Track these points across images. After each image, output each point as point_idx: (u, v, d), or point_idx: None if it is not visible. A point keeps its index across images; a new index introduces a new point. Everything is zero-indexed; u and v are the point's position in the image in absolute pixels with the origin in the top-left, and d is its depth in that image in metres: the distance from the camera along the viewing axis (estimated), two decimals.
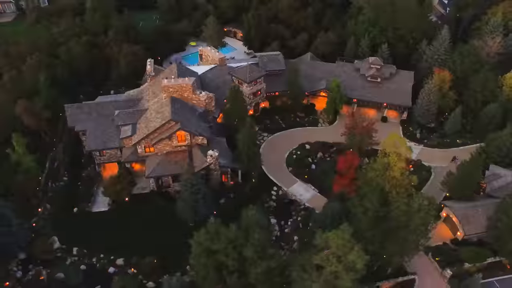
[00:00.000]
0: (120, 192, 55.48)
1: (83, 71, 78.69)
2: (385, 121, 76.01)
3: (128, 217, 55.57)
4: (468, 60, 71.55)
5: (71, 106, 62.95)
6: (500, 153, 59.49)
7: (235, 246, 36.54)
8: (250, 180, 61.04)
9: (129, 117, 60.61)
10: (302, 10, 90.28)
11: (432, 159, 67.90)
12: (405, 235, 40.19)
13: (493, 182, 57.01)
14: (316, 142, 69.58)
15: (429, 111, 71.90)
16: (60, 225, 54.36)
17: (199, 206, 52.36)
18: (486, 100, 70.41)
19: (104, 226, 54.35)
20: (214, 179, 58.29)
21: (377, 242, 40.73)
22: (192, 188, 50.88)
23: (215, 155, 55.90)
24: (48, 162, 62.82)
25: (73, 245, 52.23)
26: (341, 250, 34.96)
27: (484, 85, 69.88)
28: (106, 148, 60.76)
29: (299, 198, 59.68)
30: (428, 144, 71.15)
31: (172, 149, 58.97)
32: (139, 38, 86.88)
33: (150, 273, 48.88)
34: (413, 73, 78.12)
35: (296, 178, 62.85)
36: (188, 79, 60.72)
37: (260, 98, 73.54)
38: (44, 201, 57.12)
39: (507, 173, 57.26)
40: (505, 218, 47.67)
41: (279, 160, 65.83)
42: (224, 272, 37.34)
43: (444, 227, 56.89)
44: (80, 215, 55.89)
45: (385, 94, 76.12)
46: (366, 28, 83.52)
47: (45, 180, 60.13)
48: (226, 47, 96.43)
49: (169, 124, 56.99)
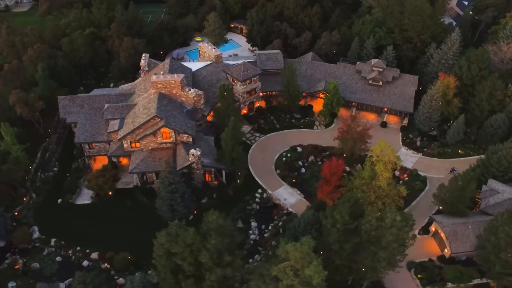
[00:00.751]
0: (102, 186, 55.76)
1: (84, 63, 79.66)
2: (385, 127, 73.16)
3: (109, 211, 55.93)
4: (475, 66, 67.47)
5: (64, 98, 63.75)
6: (500, 167, 55.87)
7: (192, 250, 35.74)
8: (235, 181, 60.06)
9: (118, 111, 60.75)
10: (308, 8, 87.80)
11: (429, 169, 64.78)
12: (376, 251, 38.17)
13: (489, 198, 53.67)
14: (309, 145, 67.74)
15: (430, 118, 68.54)
16: (42, 215, 55.34)
17: (177, 205, 51.88)
18: (493, 109, 66.33)
19: (84, 218, 54.91)
20: (196, 178, 57.68)
21: (346, 256, 38.90)
22: (170, 187, 50.42)
23: (197, 154, 55.21)
24: (40, 152, 63.98)
25: (52, 236, 53.00)
26: (299, 263, 33.52)
27: (491, 93, 65.79)
28: (94, 141, 61.28)
29: (283, 202, 58.26)
30: (427, 153, 67.88)
31: (157, 145, 58.73)
32: (143, 31, 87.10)
33: (123, 269, 48.88)
34: (417, 77, 74.70)
35: (283, 182, 61.37)
36: (177, 75, 60.15)
37: (255, 97, 72.20)
38: (31, 191, 58.14)
39: (506, 189, 53.73)
40: (493, 239, 44.67)
41: (268, 162, 64.52)
42: (180, 276, 36.68)
43: (432, 242, 54.20)
44: (63, 206, 56.65)
45: (386, 98, 73.18)
46: (372, 29, 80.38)
47: (35, 170, 61.25)
48: (231, 44, 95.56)
49: (154, 121, 56.71)
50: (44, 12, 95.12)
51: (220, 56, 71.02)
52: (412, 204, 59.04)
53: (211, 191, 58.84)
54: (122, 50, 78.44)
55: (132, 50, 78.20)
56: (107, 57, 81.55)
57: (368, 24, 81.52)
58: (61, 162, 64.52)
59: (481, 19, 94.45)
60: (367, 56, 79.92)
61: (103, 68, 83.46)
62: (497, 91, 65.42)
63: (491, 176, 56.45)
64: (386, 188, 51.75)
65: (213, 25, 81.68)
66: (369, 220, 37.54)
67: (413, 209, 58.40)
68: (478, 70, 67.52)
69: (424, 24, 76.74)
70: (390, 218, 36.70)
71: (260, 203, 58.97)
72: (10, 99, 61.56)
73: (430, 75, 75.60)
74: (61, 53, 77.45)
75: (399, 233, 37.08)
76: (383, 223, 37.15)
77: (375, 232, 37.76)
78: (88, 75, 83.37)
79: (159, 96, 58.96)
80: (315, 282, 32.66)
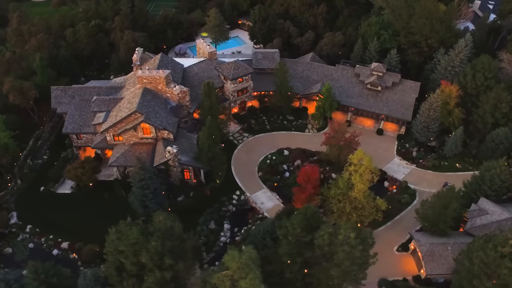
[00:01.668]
0: (81, 177, 56.59)
1: (86, 55, 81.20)
2: (381, 134, 69.97)
3: (87, 202, 56.71)
4: (480, 75, 62.93)
5: (57, 88, 65.05)
6: (493, 185, 51.86)
7: (136, 250, 35.35)
8: (214, 181, 59.30)
9: (105, 104, 61.33)
10: (315, 7, 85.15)
11: (421, 182, 61.31)
12: (329, 268, 36.26)
13: (476, 219, 49.98)
14: (297, 148, 65.85)
15: (428, 128, 64.77)
16: (23, 201, 56.94)
17: (148, 201, 51.80)
18: (497, 122, 61.70)
19: (62, 208, 55.98)
20: (174, 175, 57.38)
21: (298, 269, 37.20)
22: (140, 183, 50.37)
23: (173, 151, 54.83)
24: (32, 140, 65.83)
25: (28, 222, 54.39)
26: (237, 273, 32.33)
27: (495, 105, 61.17)
28: (81, 132, 62.31)
29: (259, 206, 56.91)
30: (422, 164, 64.26)
31: (138, 140, 58.89)
32: (148, 25, 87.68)
33: (89, 260, 49.43)
34: (419, 84, 70.83)
35: (263, 185, 59.96)
36: (162, 71, 59.90)
37: (247, 97, 70.93)
38: (17, 177, 59.97)
39: (496, 210, 49.81)
40: (468, 264, 41.42)
41: (252, 163, 63.25)
42: (124, 274, 36.44)
43: (411, 260, 51.26)
44: (44, 194, 58.01)
45: (384, 104, 69.89)
46: (377, 31, 76.86)
47: (24, 157, 63.12)
48: (236, 40, 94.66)
49: (135, 115, 56.80)
50: (58, 3, 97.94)
51: (214, 53, 70.18)
52: (396, 218, 56.12)
53: (188, 189, 58.35)
54: (122, 43, 79.33)
55: (132, 43, 78.88)
56: (109, 49, 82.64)
57: (373, 25, 78.03)
58: (52, 150, 66.15)
59: (504, 24, 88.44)
60: (370, 59, 76.68)
61: (107, 60, 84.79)
62: (502, 103, 60.74)
63: (483, 194, 52.57)
64: (362, 200, 49.28)
65: (213, 21, 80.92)
66: (322, 234, 35.63)
67: (397, 223, 55.59)
68: (483, 80, 63.03)
69: (432, 28, 72.46)
70: (343, 234, 34.62)
71: (237, 205, 57.93)
72: (4, 87, 63.57)
73: (435, 82, 71.36)
74: (64, 44, 79.25)
75: (352, 251, 34.93)
76: (336, 239, 35.14)
77: (328, 248, 35.83)
78: (92, 67, 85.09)
79: (143, 91, 59.00)
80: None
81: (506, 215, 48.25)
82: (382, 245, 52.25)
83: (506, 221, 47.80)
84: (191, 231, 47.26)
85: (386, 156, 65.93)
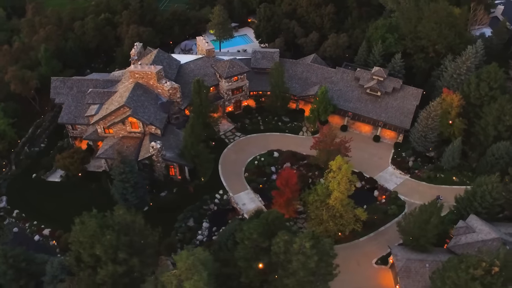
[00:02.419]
0: (69, 167, 57.97)
1: (93, 48, 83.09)
2: (377, 141, 67.67)
3: (74, 191, 58.04)
4: (485, 84, 59.44)
5: (56, 79, 66.85)
6: (483, 203, 48.89)
7: (93, 242, 35.75)
8: (199, 179, 59.27)
9: (99, 96, 62.49)
10: (322, 7, 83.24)
11: (413, 194, 58.78)
12: (284, 276, 35.29)
13: (462, 236, 47.29)
14: (287, 151, 64.73)
15: (426, 137, 61.97)
16: (14, 187, 59.03)
17: (128, 194, 52.42)
18: (500, 136, 58.11)
19: (49, 195, 57.57)
20: (158, 170, 57.78)
21: (254, 275, 36.40)
22: (120, 176, 51.00)
23: (157, 147, 55.17)
24: (32, 128, 68.13)
25: (16, 207, 56.34)
26: (184, 274, 32.02)
27: (499, 117, 57.63)
28: (76, 123, 63.86)
29: (240, 207, 56.36)
30: (416, 175, 61.59)
31: (127, 134, 59.66)
32: (156, 20, 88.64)
33: (66, 248, 50.43)
34: (421, 91, 67.98)
35: (248, 186, 59.32)
36: (154, 67, 60.36)
37: (242, 96, 70.36)
38: (12, 163, 62.26)
39: (484, 229, 46.92)
40: (439, 283, 39.28)
41: (240, 163, 62.72)
42: (82, 265, 36.98)
43: (389, 275, 49.34)
44: (35, 181, 59.86)
45: (382, 110, 67.51)
46: (382, 34, 74.20)
47: (23, 144, 65.43)
48: (244, 38, 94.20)
49: (124, 109, 57.54)
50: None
51: (212, 51, 69.96)
52: (380, 230, 54.13)
53: (173, 186, 58.61)
54: (127, 37, 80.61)
55: (136, 38, 79.84)
56: (115, 43, 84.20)
57: (380, 28, 75.39)
58: (50, 139, 68.16)
59: None
60: (373, 63, 74.18)
61: (114, 54, 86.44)
62: (506, 115, 57.12)
63: (473, 211, 49.69)
64: (340, 209, 47.73)
65: (217, 18, 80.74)
66: (277, 241, 34.67)
67: (380, 235, 53.63)
68: (487, 90, 59.55)
69: (440, 32, 69.19)
70: (298, 243, 33.54)
71: (219, 204, 57.66)
72: (6, 76, 66.05)
73: (441, 90, 67.70)
74: (72, 36, 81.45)
75: (307, 261, 33.77)
76: (292, 248, 34.10)
77: (283, 256, 34.85)
78: (99, 59, 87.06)
79: (134, 86, 59.69)
80: None
81: (493, 235, 45.36)
82: (361, 257, 51.00)
83: (492, 241, 44.93)
84: (160, 227, 47.14)
85: (380, 164, 63.68)
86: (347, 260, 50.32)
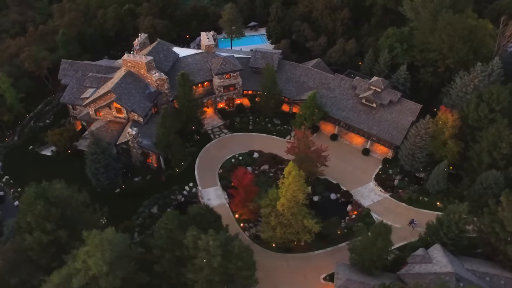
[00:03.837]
0: (57, 143, 62.13)
1: (112, 35, 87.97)
2: (367, 154, 64.33)
3: (60, 166, 61.73)
4: (484, 105, 53.94)
5: (65, 61, 71.68)
6: (449, 233, 44.55)
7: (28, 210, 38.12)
8: (173, 169, 60.55)
9: (96, 81, 66.24)
10: (337, 12, 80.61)
11: (387, 214, 55.14)
12: (192, 271, 35.09)
13: (416, 265, 43.55)
14: (269, 153, 63.85)
15: (414, 156, 57.72)
16: (11, 155, 64.50)
17: (99, 174, 55.09)
18: (495, 164, 52.48)
19: (38, 167, 61.83)
20: (134, 156, 59.94)
21: (168, 265, 36.57)
22: (92, 156, 53.76)
23: (133, 133, 57.25)
24: (41, 105, 73.99)
25: (7, 174, 61.57)
26: (91, 251, 33.25)
27: (495, 143, 52.02)
28: (75, 104, 68.17)
29: (205, 201, 56.62)
30: (397, 195, 57.64)
31: (113, 118, 62.58)
32: (175, 14, 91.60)
33: None
34: (420, 107, 63.50)
35: (218, 182, 59.44)
36: (145, 57, 62.62)
37: (235, 94, 70.46)
38: (16, 134, 68.12)
39: (442, 260, 42.78)
40: None
41: (218, 159, 62.98)
42: (20, 229, 39.61)
43: None
44: (30, 153, 64.89)
45: (375, 123, 64.07)
46: (391, 44, 70.18)
47: (30, 118, 71.34)
48: (261, 38, 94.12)
49: (111, 95, 60.44)
50: None
51: (212, 47, 70.77)
52: (340, 246, 51.53)
53: (148, 172, 60.46)
54: (143, 28, 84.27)
55: (151, 29, 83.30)
56: (133, 33, 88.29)
57: (390, 37, 71.41)
58: (56, 117, 73.38)
59: None
60: (378, 72, 70.66)
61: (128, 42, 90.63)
62: (503, 141, 51.43)
63: (440, 241, 45.50)
64: (288, 217, 46.18)
65: (227, 15, 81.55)
66: (187, 236, 34.59)
67: (338, 251, 51.13)
68: (487, 112, 54.02)
69: (451, 46, 64.03)
70: (204, 240, 33.19)
71: (186, 196, 58.48)
72: (22, 55, 72.30)
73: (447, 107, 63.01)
74: (95, 23, 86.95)
75: (211, 260, 33.29)
76: (199, 243, 33.85)
77: (192, 251, 34.65)
78: (119, 47, 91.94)
79: (125, 74, 62.45)
80: (94, 272, 32.22)
81: (448, 268, 41.22)
82: (311, 270, 49.18)
83: (445, 275, 40.85)
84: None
85: (362, 179, 60.51)
86: (296, 271, 48.94)
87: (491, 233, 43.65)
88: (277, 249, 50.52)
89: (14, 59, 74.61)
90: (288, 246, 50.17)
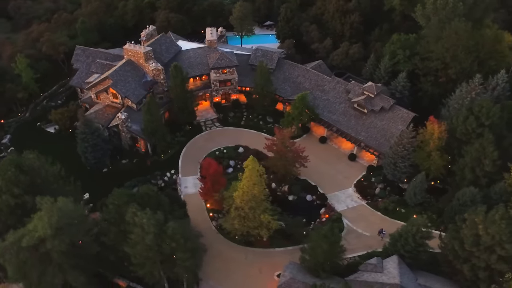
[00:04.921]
0: (58, 121, 66.87)
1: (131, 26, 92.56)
2: (353, 160, 63.20)
3: (60, 143, 66.47)
4: (472, 119, 51.21)
5: (79, 48, 76.65)
6: (406, 246, 43.02)
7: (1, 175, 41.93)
8: (159, 155, 63.09)
9: (101, 67, 70.33)
10: (348, 15, 79.52)
11: (359, 221, 54.13)
12: (130, 246, 37.08)
13: (365, 273, 42.55)
14: (254, 149, 64.55)
15: (395, 165, 56.01)
16: (19, 130, 70.16)
17: (88, 153, 58.81)
18: (477, 182, 49.80)
19: (41, 142, 66.49)
20: (123, 139, 63.14)
21: (114, 238, 38.79)
22: (81, 135, 57.54)
23: (122, 117, 60.43)
24: (56, 86, 79.72)
25: (14, 146, 67.08)
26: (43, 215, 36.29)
27: (479, 160, 49.31)
28: (82, 87, 72.86)
29: (181, 188, 58.59)
30: (374, 203, 56.22)
31: (110, 103, 66.30)
32: (193, 9, 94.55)
33: None
34: (412, 115, 61.39)
35: (199, 172, 61.06)
36: (144, 47, 65.71)
37: (231, 89, 71.82)
38: (28, 111, 73.99)
39: (392, 272, 41.44)
40: None
41: (203, 150, 64.63)
42: None
43: None
44: (36, 128, 70.27)
45: (363, 129, 62.86)
46: (394, 50, 68.23)
47: (43, 97, 77.18)
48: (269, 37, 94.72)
49: (108, 80, 64.12)
50: None
51: (214, 42, 72.57)
52: (301, 246, 50.94)
53: (135, 156, 63.47)
54: (158, 21, 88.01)
55: (165, 23, 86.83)
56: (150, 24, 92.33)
57: (394, 43, 69.47)
58: (68, 98, 78.56)
59: None
60: (378, 78, 69.08)
61: None
62: (486, 158, 48.66)
63: (397, 252, 44.10)
64: (246, 211, 46.80)
65: (236, 13, 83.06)
66: (128, 212, 36.55)
67: (299, 251, 50.43)
68: (475, 126, 51.28)
69: (454, 56, 61.29)
70: (140, 217, 34.99)
71: (167, 181, 60.70)
72: (41, 39, 78.25)
73: (443, 118, 60.59)
74: (116, 14, 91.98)
75: (144, 236, 35.02)
76: (135, 219, 35.70)
77: (132, 227, 36.56)
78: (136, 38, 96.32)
79: (125, 62, 65.98)
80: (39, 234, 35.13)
81: (395, 280, 39.95)
82: (267, 266, 49.49)
83: (390, 286, 39.68)
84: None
85: (341, 184, 59.61)
86: (252, 265, 49.50)
87: (450, 250, 41.64)
88: (239, 242, 51.26)
89: (36, 43, 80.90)
90: (249, 240, 50.72)
